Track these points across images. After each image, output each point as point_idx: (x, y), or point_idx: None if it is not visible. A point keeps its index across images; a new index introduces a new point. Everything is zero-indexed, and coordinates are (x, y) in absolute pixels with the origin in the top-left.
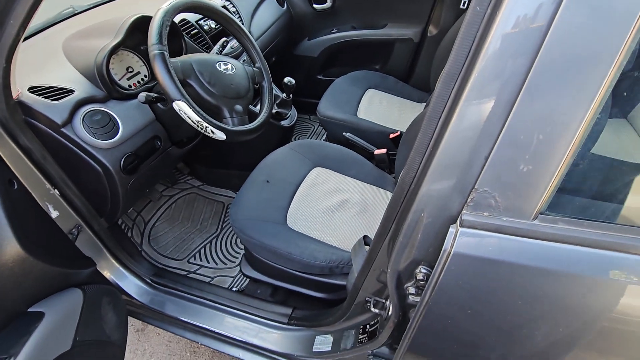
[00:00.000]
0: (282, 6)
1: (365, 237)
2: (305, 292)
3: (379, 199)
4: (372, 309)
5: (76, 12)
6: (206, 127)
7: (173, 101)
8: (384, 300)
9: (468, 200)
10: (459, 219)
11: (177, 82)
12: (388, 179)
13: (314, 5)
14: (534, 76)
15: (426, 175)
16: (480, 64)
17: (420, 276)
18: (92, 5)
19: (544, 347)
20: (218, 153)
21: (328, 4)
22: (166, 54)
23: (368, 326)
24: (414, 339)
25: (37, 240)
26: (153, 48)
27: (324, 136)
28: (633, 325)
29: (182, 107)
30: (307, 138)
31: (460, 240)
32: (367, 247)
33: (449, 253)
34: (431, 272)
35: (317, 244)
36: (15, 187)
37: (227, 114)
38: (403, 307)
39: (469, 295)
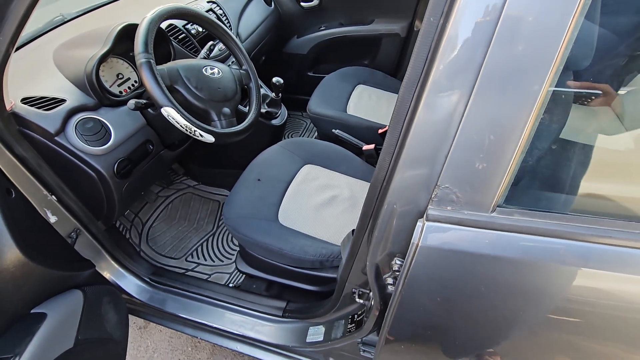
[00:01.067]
0: (270, 5)
1: (353, 230)
2: (298, 285)
3: None
4: (357, 300)
5: (66, 19)
6: (195, 130)
7: (161, 107)
8: (368, 291)
9: (432, 196)
10: (425, 214)
11: (164, 88)
12: None
13: (302, 3)
14: (481, 83)
15: (395, 174)
16: (435, 73)
17: (395, 267)
18: (81, 12)
19: (506, 329)
20: (212, 153)
21: (315, 2)
22: (152, 62)
23: (356, 316)
24: (392, 327)
25: (37, 245)
26: (139, 57)
27: (316, 133)
28: (586, 305)
29: (170, 113)
30: (300, 134)
31: (427, 234)
32: None
33: (417, 246)
34: None
35: (307, 239)
36: (13, 195)
37: (215, 117)
38: (383, 297)
39: (437, 284)
